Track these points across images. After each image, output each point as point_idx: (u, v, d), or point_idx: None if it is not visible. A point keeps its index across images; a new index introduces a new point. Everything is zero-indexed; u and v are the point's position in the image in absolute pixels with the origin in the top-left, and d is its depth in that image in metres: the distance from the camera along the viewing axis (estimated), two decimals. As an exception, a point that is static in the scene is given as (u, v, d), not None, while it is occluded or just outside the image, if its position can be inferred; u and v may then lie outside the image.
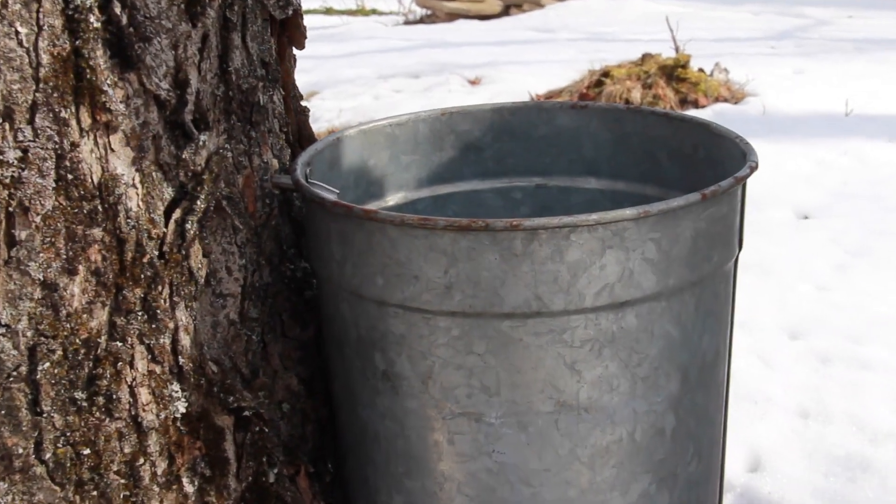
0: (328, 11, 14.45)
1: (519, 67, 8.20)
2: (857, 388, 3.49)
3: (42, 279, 1.13)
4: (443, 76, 8.22)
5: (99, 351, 1.18)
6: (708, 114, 6.21)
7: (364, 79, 8.26)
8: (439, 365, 1.22)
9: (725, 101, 6.71)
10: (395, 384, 1.25)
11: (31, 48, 1.09)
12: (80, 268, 1.15)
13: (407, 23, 12.67)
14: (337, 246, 1.25)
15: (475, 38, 10.47)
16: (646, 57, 6.95)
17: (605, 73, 6.76)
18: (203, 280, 1.28)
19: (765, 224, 4.49)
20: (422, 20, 12.82)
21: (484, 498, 1.26)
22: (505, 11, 13.11)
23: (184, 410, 1.26)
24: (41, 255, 1.12)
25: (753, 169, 1.28)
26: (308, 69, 8.33)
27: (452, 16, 12.80)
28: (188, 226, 1.25)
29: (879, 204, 4.63)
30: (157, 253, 1.22)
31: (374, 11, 14.48)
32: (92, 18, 1.13)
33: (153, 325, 1.23)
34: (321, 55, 9.43)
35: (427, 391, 1.23)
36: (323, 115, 6.93)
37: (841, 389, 3.47)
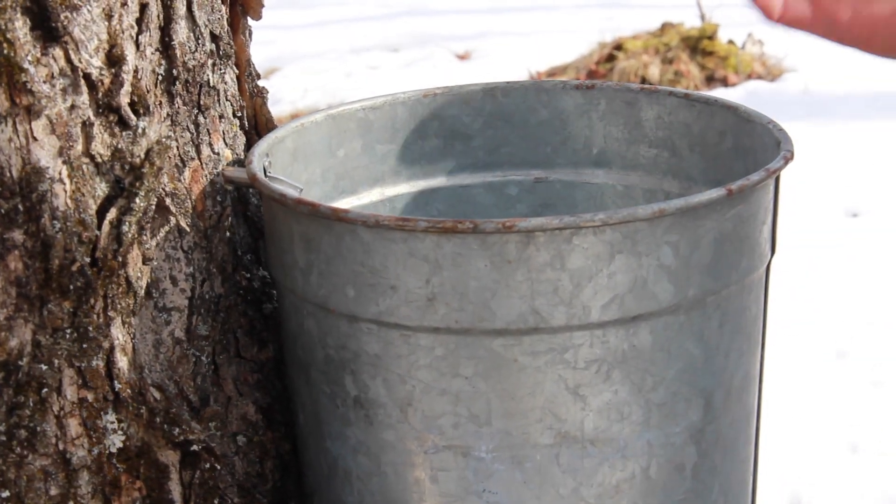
0: None
1: (516, 39, 8.24)
2: None
3: None
4: (426, 49, 8.26)
5: (20, 375, 1.18)
6: (739, 93, 6.21)
7: (334, 52, 8.29)
8: (420, 390, 1.21)
9: (760, 78, 6.72)
10: (370, 413, 1.25)
11: None
12: None
13: None
14: (301, 251, 1.25)
15: (464, 3, 10.49)
16: (666, 26, 6.98)
17: (618, 46, 6.79)
18: (143, 292, 1.28)
19: (806, 224, 4.50)
20: None
21: None
22: None
23: (121, 445, 1.26)
24: None
25: (788, 160, 1.28)
26: (268, 41, 8.33)
27: None
28: (125, 228, 1.24)
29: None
30: (88, 260, 1.22)
31: None
32: None
33: (84, 345, 1.22)
34: (283, 24, 9.45)
35: (406, 421, 1.23)
36: (285, 96, 6.95)
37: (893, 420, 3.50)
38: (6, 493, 1.19)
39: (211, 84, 1.37)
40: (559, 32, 8.30)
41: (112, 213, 1.24)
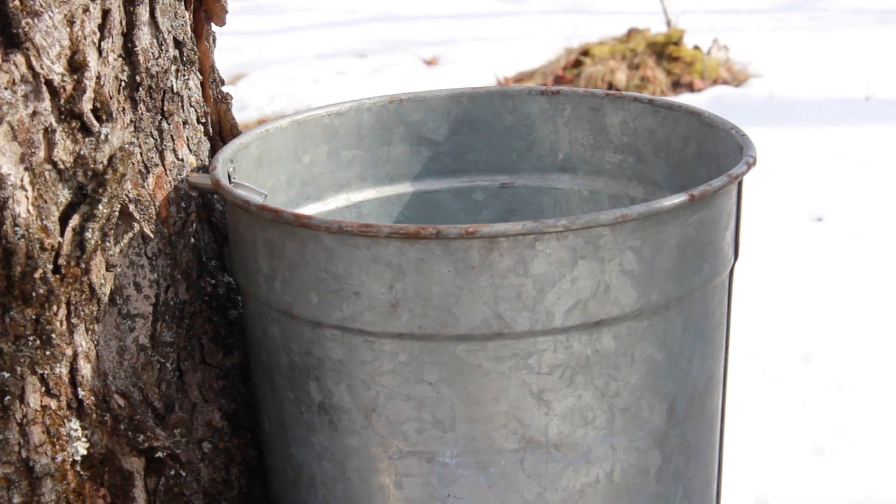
0: None
1: (483, 45, 8.27)
2: (881, 417, 3.53)
3: None
4: (394, 55, 8.27)
5: None
6: (704, 99, 6.25)
7: (301, 58, 8.30)
8: (384, 396, 1.21)
9: (725, 83, 6.78)
10: (334, 419, 1.25)
11: None
12: None
13: None
14: (265, 258, 1.25)
15: (432, 9, 10.53)
16: (632, 32, 7.02)
17: (585, 52, 6.82)
18: (107, 298, 1.27)
19: (770, 228, 4.53)
20: None
21: None
22: None
23: (85, 452, 1.26)
24: None
25: (751, 165, 1.28)
26: (234, 47, 8.36)
27: None
28: (88, 234, 1.24)
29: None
30: (51, 267, 1.21)
31: None
32: None
33: (47, 352, 1.22)
34: (249, 30, 9.48)
35: (371, 426, 1.23)
36: (251, 102, 6.95)
37: (861, 420, 3.51)
38: None
39: (174, 90, 1.37)
40: (526, 38, 8.34)
41: (75, 220, 1.23)
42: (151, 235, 1.32)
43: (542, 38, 8.15)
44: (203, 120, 1.44)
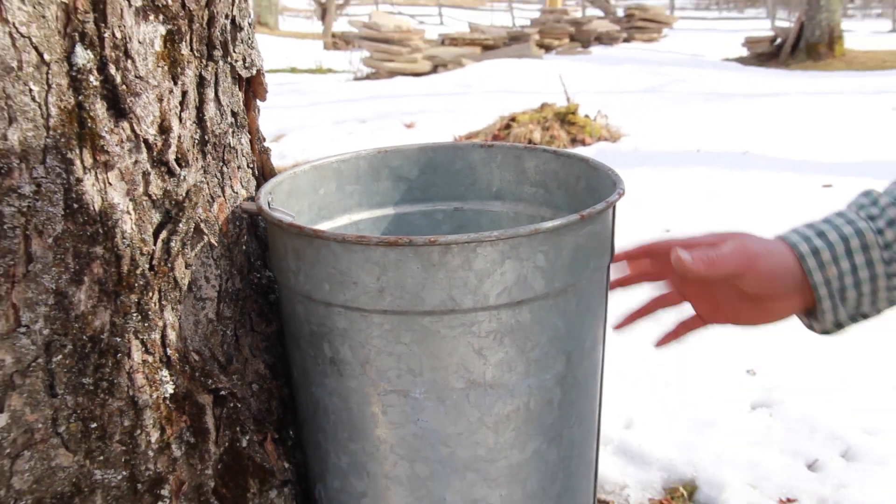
0: (293, 70, 14.45)
1: (445, 114, 8.23)
2: (704, 364, 3.52)
3: (54, 288, 1.10)
4: (385, 121, 8.22)
5: (102, 345, 1.16)
6: (592, 150, 6.27)
7: (322, 124, 8.25)
8: (374, 352, 1.21)
9: (606, 140, 6.77)
10: (340, 368, 1.24)
11: (42, 103, 1.07)
12: (86, 279, 1.13)
13: (356, 79, 12.68)
14: (293, 259, 1.23)
15: (410, 91, 10.48)
16: (544, 106, 7.00)
17: (513, 119, 6.80)
18: (186, 287, 1.26)
19: (635, 237, 4.54)
20: (368, 77, 12.85)
21: (411, 456, 1.25)
22: (433, 70, 13.21)
23: (172, 391, 1.24)
24: (53, 269, 1.10)
25: (621, 195, 1.27)
26: (275, 117, 8.29)
27: (392, 73, 12.84)
28: (173, 244, 1.22)
29: (723, 219, 4.72)
30: (147, 266, 1.20)
31: (329, 70, 14.48)
32: (92, 78, 1.10)
33: (146, 324, 1.20)
34: (289, 105, 9.41)
35: (365, 373, 1.23)
36: (290, 153, 6.89)
37: (694, 367, 3.50)
38: (94, 425, 1.16)
39: (231, 145, 1.35)
40: (473, 110, 8.31)
41: (163, 234, 1.21)
42: (216, 244, 1.30)
43: (484, 110, 8.13)
44: (251, 165, 1.42)
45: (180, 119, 1.23)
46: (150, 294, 1.20)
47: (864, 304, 1.19)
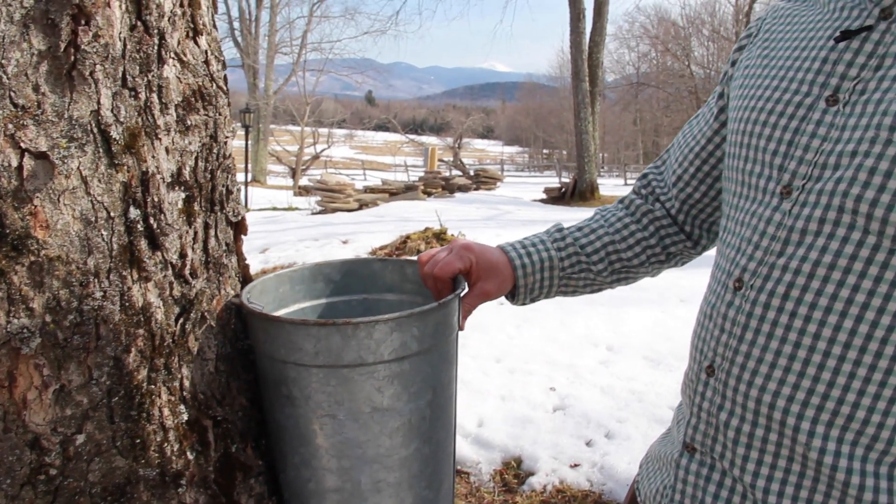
0: (274, 208, 15.48)
1: (367, 234, 8.50)
2: (526, 385, 3.71)
3: (113, 355, 1.19)
4: (329, 239, 8.43)
5: (143, 390, 1.24)
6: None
7: (292, 241, 8.40)
8: (313, 391, 1.26)
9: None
10: (293, 401, 1.29)
11: (108, 242, 1.18)
12: (133, 349, 1.22)
13: (312, 214, 13.27)
14: (262, 333, 1.30)
15: (345, 220, 10.84)
16: (427, 229, 7.26)
17: (408, 237, 7.01)
18: (196, 353, 1.33)
19: (482, 307, 4.67)
20: (319, 213, 13.53)
21: (339, 455, 1.30)
22: (360, 207, 13.97)
23: (186, 418, 1.30)
24: (113, 343, 1.19)
25: (464, 289, 1.38)
26: (263, 237, 8.51)
27: (334, 210, 13.60)
28: (187, 326, 1.30)
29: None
30: (171, 340, 1.28)
31: (296, 208, 15.51)
32: (139, 225, 1.22)
33: (170, 376, 1.28)
34: (272, 230, 9.70)
35: (308, 405, 1.28)
36: (272, 259, 7.02)
37: (520, 386, 3.69)
38: (138, 441, 1.21)
39: (225, 264, 1.41)
40: (385, 232, 8.59)
41: (181, 320, 1.29)
42: (214, 325, 1.37)
43: (391, 232, 8.45)
44: (238, 275, 1.48)
45: (193, 249, 1.32)
46: (173, 358, 1.28)
47: (542, 296, 1.45)
